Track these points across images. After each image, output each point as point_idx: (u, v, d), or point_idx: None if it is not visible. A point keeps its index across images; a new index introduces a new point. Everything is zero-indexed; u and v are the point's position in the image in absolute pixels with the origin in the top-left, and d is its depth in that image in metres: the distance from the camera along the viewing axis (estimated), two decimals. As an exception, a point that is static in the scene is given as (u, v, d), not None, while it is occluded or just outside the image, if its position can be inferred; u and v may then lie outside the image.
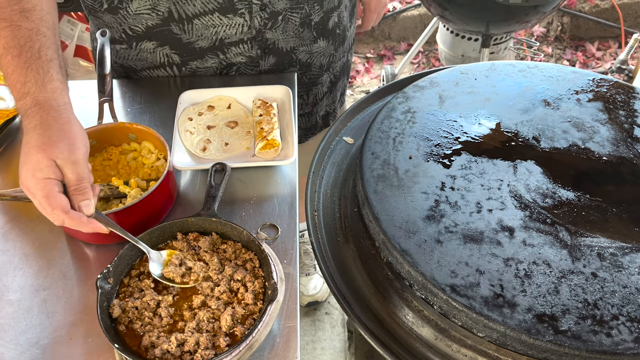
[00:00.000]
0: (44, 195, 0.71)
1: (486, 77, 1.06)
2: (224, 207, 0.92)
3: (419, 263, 0.73)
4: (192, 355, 0.69)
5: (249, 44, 1.11)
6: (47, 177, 0.71)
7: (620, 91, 1.04)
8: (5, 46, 0.78)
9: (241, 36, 1.09)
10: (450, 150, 0.91)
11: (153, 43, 1.09)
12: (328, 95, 1.34)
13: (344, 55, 1.30)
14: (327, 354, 1.77)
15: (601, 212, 0.81)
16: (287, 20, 1.10)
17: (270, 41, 1.12)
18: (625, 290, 0.71)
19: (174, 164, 0.94)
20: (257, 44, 1.12)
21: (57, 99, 0.77)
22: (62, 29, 2.01)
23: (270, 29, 1.10)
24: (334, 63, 1.27)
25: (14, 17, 0.79)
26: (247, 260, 0.80)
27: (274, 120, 1.00)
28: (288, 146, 0.98)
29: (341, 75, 1.34)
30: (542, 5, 1.85)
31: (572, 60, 2.99)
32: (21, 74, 0.77)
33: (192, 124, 1.03)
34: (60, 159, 0.72)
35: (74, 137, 0.74)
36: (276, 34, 1.11)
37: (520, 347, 0.68)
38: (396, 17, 3.10)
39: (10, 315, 0.78)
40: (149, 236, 0.81)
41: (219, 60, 1.14)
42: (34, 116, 0.74)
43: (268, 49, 1.14)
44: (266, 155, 0.96)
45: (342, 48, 1.27)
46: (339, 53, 1.27)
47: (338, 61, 1.29)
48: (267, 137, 0.96)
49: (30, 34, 0.79)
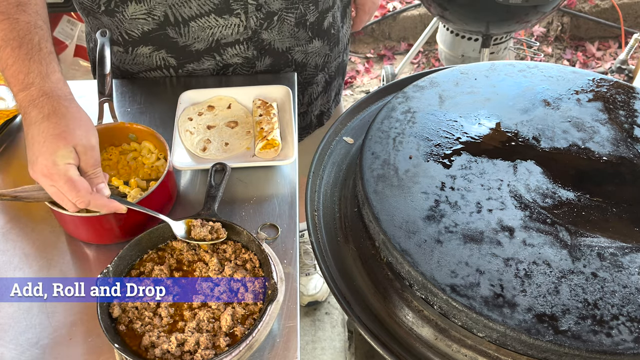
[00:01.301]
0: (68, 179, 0.73)
1: (486, 77, 1.06)
2: (224, 207, 0.92)
3: (419, 263, 0.73)
4: (192, 355, 0.69)
5: (245, 44, 1.11)
6: (69, 162, 0.74)
7: (620, 91, 1.04)
8: (4, 38, 0.79)
9: (237, 37, 1.09)
10: (450, 150, 0.91)
11: (149, 48, 1.09)
12: (323, 95, 1.34)
13: (339, 55, 1.30)
14: (327, 354, 1.77)
15: (601, 212, 0.81)
16: (283, 21, 1.10)
17: (266, 42, 1.12)
18: (625, 290, 0.71)
19: (174, 164, 0.94)
20: (253, 44, 1.12)
21: (62, 89, 0.78)
22: (62, 29, 2.01)
23: (266, 29, 1.10)
24: (329, 63, 1.27)
25: (11, 10, 0.80)
26: (247, 260, 0.80)
27: (274, 120, 1.00)
28: (288, 146, 0.98)
29: (336, 75, 1.34)
30: (542, 5, 1.85)
31: (572, 60, 2.99)
32: (23, 65, 0.78)
33: (192, 124, 1.03)
34: (80, 145, 0.75)
35: (88, 124, 0.78)
36: (272, 35, 1.11)
37: (520, 347, 0.68)
38: (396, 17, 3.10)
39: (10, 315, 0.78)
40: (149, 236, 0.81)
41: (215, 62, 1.14)
42: (44, 105, 0.75)
43: (264, 49, 1.14)
44: (266, 155, 0.96)
45: (337, 48, 1.27)
46: (334, 53, 1.27)
47: (333, 61, 1.29)
48: (267, 137, 0.96)
49: (28, 27, 0.80)
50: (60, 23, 2.01)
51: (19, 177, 0.98)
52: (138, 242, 0.80)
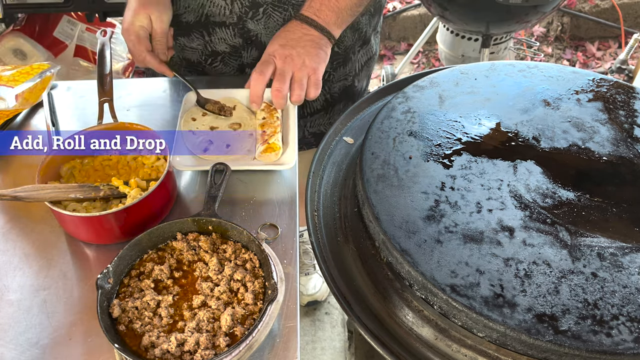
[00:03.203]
0: (136, 35, 1.01)
1: (486, 77, 1.06)
2: (224, 207, 0.92)
3: (419, 263, 0.73)
4: (192, 355, 0.69)
5: (232, 29, 1.12)
6: (142, 24, 1.01)
7: (620, 91, 1.04)
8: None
9: (223, 19, 1.11)
10: (450, 150, 0.91)
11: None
12: (323, 115, 1.29)
13: (346, 78, 1.25)
14: (327, 354, 1.77)
15: (601, 212, 0.81)
16: (269, 16, 1.10)
17: (252, 32, 1.13)
18: (625, 290, 0.71)
19: (174, 165, 0.94)
20: (239, 31, 1.13)
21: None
22: (62, 29, 2.01)
23: (252, 19, 1.10)
24: (330, 82, 1.23)
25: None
26: (247, 260, 0.80)
27: (276, 124, 1.00)
28: (289, 151, 0.97)
29: (341, 98, 1.29)
30: (542, 5, 1.85)
31: (572, 60, 2.99)
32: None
33: (195, 124, 1.03)
34: (154, 15, 1.01)
35: (167, 5, 1.04)
36: (258, 27, 1.12)
37: (520, 347, 0.68)
38: (396, 17, 3.10)
39: (10, 315, 0.78)
40: (149, 236, 0.81)
41: (204, 42, 1.15)
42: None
43: (250, 40, 1.14)
44: (266, 159, 0.96)
45: (344, 70, 1.23)
46: (338, 73, 1.23)
47: (336, 82, 1.25)
48: (268, 140, 0.96)
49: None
50: (60, 23, 2.01)
51: (19, 177, 0.98)
52: (138, 242, 0.80)
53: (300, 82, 0.98)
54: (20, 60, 1.91)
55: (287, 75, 0.98)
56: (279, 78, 0.98)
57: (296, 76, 0.99)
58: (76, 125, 1.08)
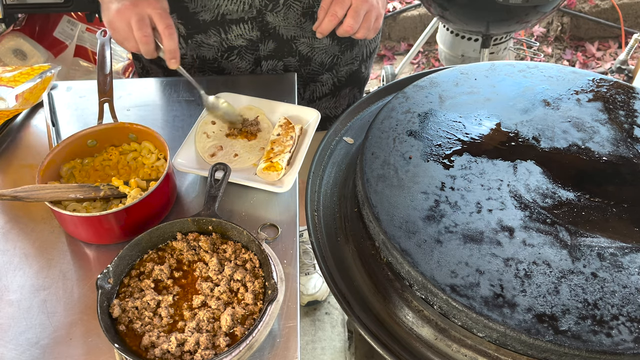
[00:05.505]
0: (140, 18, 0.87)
1: (486, 77, 1.07)
2: (224, 207, 0.92)
3: (419, 263, 0.73)
4: (192, 355, 0.69)
5: (250, 24, 1.12)
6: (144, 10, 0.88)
7: (620, 91, 1.04)
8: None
9: (242, 14, 1.10)
10: (450, 150, 0.91)
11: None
12: (330, 98, 1.32)
13: (352, 62, 1.27)
14: (327, 354, 1.77)
15: (601, 212, 0.81)
16: (289, 7, 1.10)
17: (271, 25, 1.13)
18: (625, 290, 0.71)
19: (176, 165, 0.94)
20: (258, 25, 1.12)
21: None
22: (62, 29, 2.01)
23: (272, 11, 1.10)
24: (337, 65, 1.26)
25: None
26: (247, 260, 0.80)
27: (287, 143, 0.97)
28: (291, 172, 0.95)
29: (348, 82, 1.31)
30: (542, 5, 1.85)
31: (572, 60, 3.00)
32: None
33: (212, 128, 1.02)
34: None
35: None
36: (277, 19, 1.12)
37: (520, 347, 0.69)
38: (396, 17, 3.10)
39: (10, 315, 0.78)
40: (149, 236, 0.81)
41: (221, 39, 1.14)
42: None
43: (268, 32, 1.14)
44: (267, 177, 0.94)
45: (350, 54, 1.25)
46: (346, 57, 1.25)
47: (344, 66, 1.27)
48: (272, 159, 0.94)
49: None
50: (60, 23, 2.00)
51: (19, 177, 0.98)
52: (138, 242, 0.80)
53: (368, 20, 0.97)
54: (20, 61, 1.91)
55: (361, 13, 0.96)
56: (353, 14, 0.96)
57: (368, 14, 0.97)
58: (76, 125, 1.08)
